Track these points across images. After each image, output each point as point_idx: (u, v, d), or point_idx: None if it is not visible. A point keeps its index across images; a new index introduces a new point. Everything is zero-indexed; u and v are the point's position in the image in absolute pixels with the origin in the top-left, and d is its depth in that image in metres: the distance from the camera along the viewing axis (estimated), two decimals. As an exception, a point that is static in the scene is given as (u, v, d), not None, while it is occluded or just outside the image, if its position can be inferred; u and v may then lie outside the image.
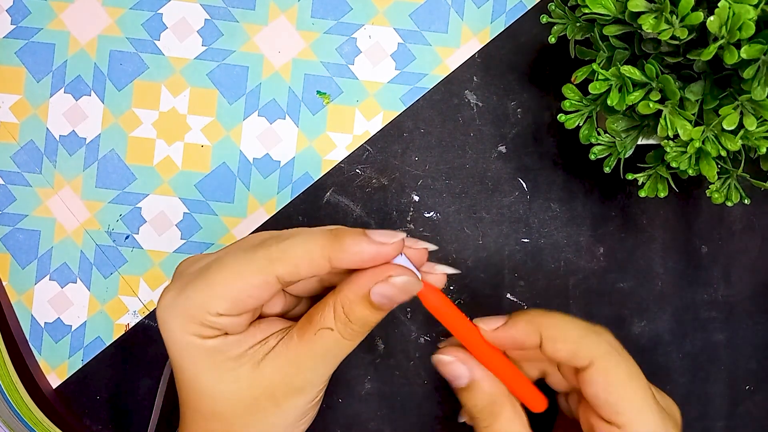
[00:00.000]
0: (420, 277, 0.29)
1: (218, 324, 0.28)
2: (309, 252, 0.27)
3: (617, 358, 0.30)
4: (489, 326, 0.31)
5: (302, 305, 0.32)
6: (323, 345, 0.28)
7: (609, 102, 0.30)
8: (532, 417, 0.31)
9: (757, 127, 0.29)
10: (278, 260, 0.27)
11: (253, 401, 0.29)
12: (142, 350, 0.39)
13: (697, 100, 0.31)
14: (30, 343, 0.39)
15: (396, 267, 0.28)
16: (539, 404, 0.32)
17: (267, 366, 0.28)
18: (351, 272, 0.29)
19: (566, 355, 0.30)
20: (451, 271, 0.30)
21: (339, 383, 0.39)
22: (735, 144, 0.29)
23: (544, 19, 0.33)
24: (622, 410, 0.29)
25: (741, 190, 0.32)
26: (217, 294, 0.27)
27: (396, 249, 0.28)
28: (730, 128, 0.29)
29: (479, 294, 0.39)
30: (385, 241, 0.28)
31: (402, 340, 0.39)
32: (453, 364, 0.30)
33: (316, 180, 0.39)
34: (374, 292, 0.28)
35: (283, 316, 0.31)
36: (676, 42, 0.29)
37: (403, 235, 0.28)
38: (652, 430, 0.29)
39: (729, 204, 0.32)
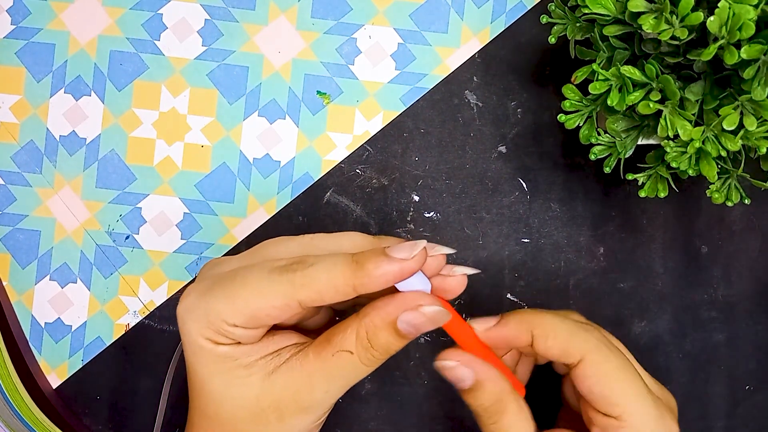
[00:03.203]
0: (430, 287, 0.29)
1: (233, 334, 0.28)
2: (333, 280, 0.27)
3: (607, 351, 0.30)
4: (481, 326, 0.31)
5: (318, 316, 0.32)
6: (340, 367, 0.28)
7: (609, 102, 0.30)
8: (536, 409, 0.31)
9: (757, 127, 0.29)
10: (302, 286, 0.27)
11: (259, 412, 0.29)
12: (142, 350, 0.39)
13: (697, 100, 0.31)
14: (30, 343, 0.39)
15: (426, 296, 0.28)
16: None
17: (278, 379, 0.28)
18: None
19: (557, 352, 0.30)
20: (471, 271, 0.30)
21: (339, 383, 0.39)
22: (735, 144, 0.29)
23: (544, 19, 0.33)
24: (616, 401, 0.29)
25: (741, 190, 0.32)
26: (236, 308, 0.27)
27: (418, 262, 0.27)
28: (730, 128, 0.29)
29: (479, 294, 0.39)
30: (406, 256, 0.27)
31: (402, 340, 0.39)
32: (456, 368, 0.30)
33: (316, 180, 0.39)
34: (402, 320, 0.27)
35: (297, 325, 0.31)
36: (676, 42, 0.29)
37: (424, 243, 0.28)
38: (649, 418, 0.29)
39: (729, 204, 0.32)
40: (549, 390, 0.37)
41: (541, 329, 0.30)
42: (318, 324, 0.32)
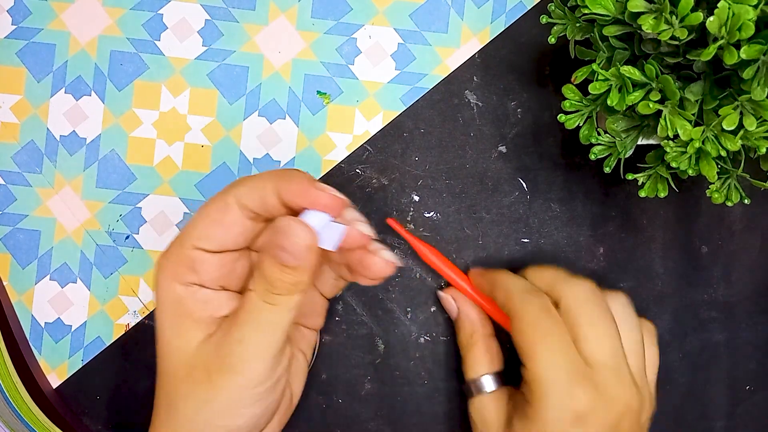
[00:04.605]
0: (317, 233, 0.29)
1: (195, 258, 0.29)
2: (261, 180, 0.29)
3: (537, 313, 0.32)
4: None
5: None
6: (247, 309, 0.29)
7: (609, 102, 0.30)
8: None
9: (756, 127, 0.29)
10: (236, 185, 0.30)
11: (192, 370, 0.29)
12: (142, 350, 0.39)
13: (697, 100, 0.31)
14: (30, 343, 0.39)
15: (297, 222, 0.29)
16: None
17: (213, 338, 0.29)
18: None
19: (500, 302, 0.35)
20: (397, 263, 0.32)
21: (339, 383, 0.39)
22: (735, 144, 0.29)
23: (544, 19, 0.33)
24: (527, 361, 0.32)
25: (741, 190, 0.32)
26: (188, 230, 0.30)
27: (330, 198, 0.29)
28: (730, 128, 0.29)
29: (479, 294, 0.39)
30: (322, 187, 0.29)
31: (402, 340, 0.39)
32: (446, 299, 0.38)
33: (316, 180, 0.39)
34: (275, 246, 0.28)
35: None
36: (676, 42, 0.29)
37: (342, 198, 0.30)
38: (554, 379, 0.31)
39: (729, 204, 0.32)
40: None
41: (494, 285, 0.35)
42: None
